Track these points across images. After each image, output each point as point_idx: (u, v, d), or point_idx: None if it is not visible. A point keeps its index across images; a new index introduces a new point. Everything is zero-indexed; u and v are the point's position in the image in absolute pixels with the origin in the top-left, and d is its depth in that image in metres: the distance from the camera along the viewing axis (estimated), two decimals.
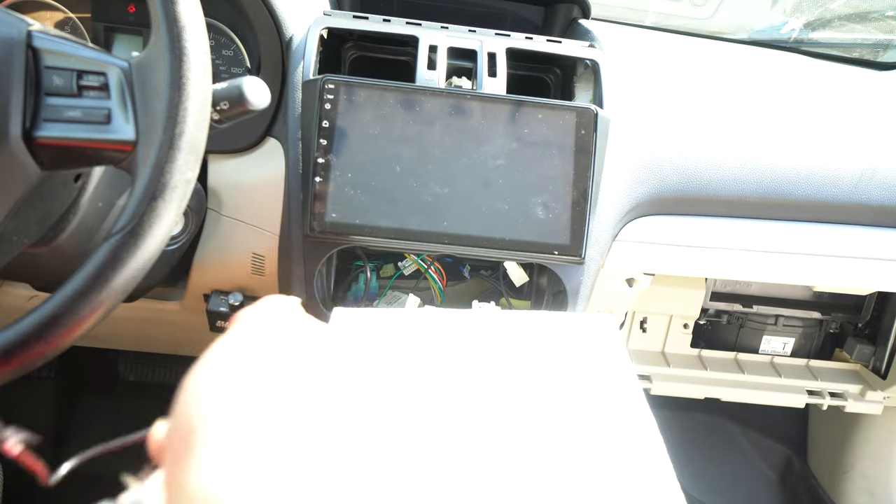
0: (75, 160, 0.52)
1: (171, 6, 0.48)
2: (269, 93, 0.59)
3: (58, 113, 0.49)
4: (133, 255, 0.47)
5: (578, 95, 0.86)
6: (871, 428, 1.35)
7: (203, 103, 0.50)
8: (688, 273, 0.89)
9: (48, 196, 0.57)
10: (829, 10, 1.36)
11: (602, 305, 1.00)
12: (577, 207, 0.75)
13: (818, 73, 1.06)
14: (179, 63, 0.48)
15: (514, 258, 0.79)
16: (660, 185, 0.83)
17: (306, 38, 0.78)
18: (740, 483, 1.56)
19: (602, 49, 0.86)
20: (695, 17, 1.42)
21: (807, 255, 0.88)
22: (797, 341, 1.24)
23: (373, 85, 0.74)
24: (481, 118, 0.74)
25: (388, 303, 0.84)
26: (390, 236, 0.73)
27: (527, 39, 0.85)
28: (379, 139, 0.73)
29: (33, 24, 0.50)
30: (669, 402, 1.29)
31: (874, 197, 0.87)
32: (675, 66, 0.95)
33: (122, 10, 0.81)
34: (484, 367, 0.50)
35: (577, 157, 0.75)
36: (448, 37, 0.81)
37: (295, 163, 0.76)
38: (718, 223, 0.86)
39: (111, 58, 0.50)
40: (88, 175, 0.61)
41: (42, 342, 0.45)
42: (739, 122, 0.87)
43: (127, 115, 0.49)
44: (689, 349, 1.23)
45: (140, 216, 0.47)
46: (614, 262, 0.86)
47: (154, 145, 0.47)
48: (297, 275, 0.78)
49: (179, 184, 0.48)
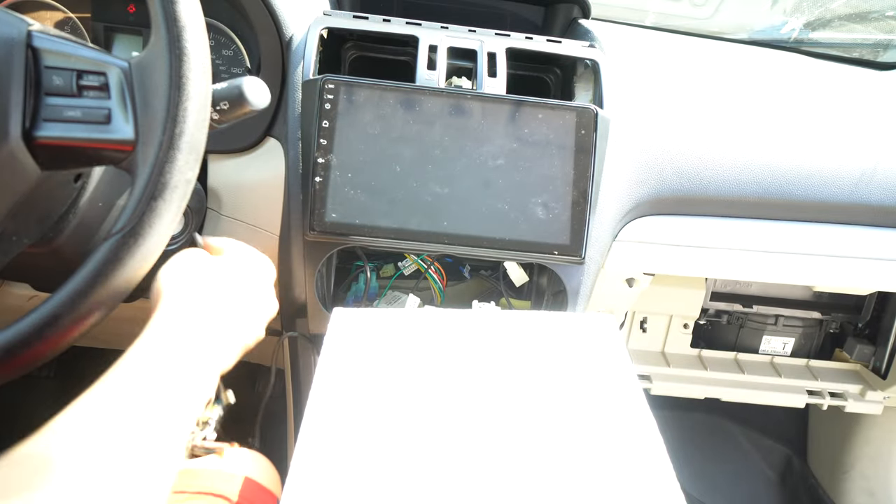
0: (75, 160, 0.52)
1: (171, 6, 0.48)
2: (269, 93, 0.59)
3: (58, 113, 0.49)
4: (133, 255, 0.47)
5: (578, 95, 0.86)
6: (871, 428, 1.35)
7: (203, 103, 0.50)
8: (688, 273, 0.89)
9: (48, 196, 0.57)
10: (829, 10, 1.36)
11: (602, 305, 1.00)
12: (577, 207, 0.75)
13: (818, 73, 1.06)
14: (179, 63, 0.47)
15: (514, 258, 0.79)
16: (660, 185, 0.83)
17: (306, 38, 0.78)
18: (740, 483, 1.56)
19: (602, 49, 0.86)
20: (695, 17, 1.42)
21: (807, 255, 0.88)
22: (797, 341, 1.24)
23: (373, 85, 0.74)
24: (481, 118, 0.74)
25: (388, 303, 0.84)
26: (390, 236, 0.73)
27: (527, 39, 0.85)
28: (379, 139, 0.73)
29: (33, 24, 0.50)
30: (669, 402, 1.29)
31: (874, 197, 0.87)
32: (675, 66, 0.95)
33: (122, 10, 0.81)
34: (484, 368, 0.50)
35: (577, 157, 0.75)
36: (448, 37, 0.81)
37: (295, 163, 0.76)
38: (718, 223, 0.86)
39: (111, 58, 0.50)
40: (88, 175, 0.61)
41: (42, 342, 0.45)
42: (739, 121, 0.87)
43: (127, 115, 0.49)
44: (689, 349, 1.23)
45: (140, 216, 0.47)
46: (614, 262, 0.86)
47: (154, 145, 0.47)
48: (297, 275, 0.78)
49: (179, 184, 0.48)
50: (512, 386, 0.47)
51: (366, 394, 0.46)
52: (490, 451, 0.41)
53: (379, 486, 0.37)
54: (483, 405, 0.45)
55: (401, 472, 0.39)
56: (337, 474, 0.39)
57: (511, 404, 0.45)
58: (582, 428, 0.43)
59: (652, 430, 0.42)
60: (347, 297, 0.86)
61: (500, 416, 0.44)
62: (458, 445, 0.41)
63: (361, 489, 0.37)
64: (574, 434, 0.42)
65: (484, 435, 0.42)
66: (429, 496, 0.37)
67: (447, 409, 0.44)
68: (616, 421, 0.43)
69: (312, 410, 0.44)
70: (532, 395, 0.46)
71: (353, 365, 0.49)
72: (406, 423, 0.43)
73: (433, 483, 0.38)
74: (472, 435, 0.42)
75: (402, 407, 0.44)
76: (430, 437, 0.42)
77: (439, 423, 0.43)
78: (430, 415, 0.43)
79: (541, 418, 0.43)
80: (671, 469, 0.39)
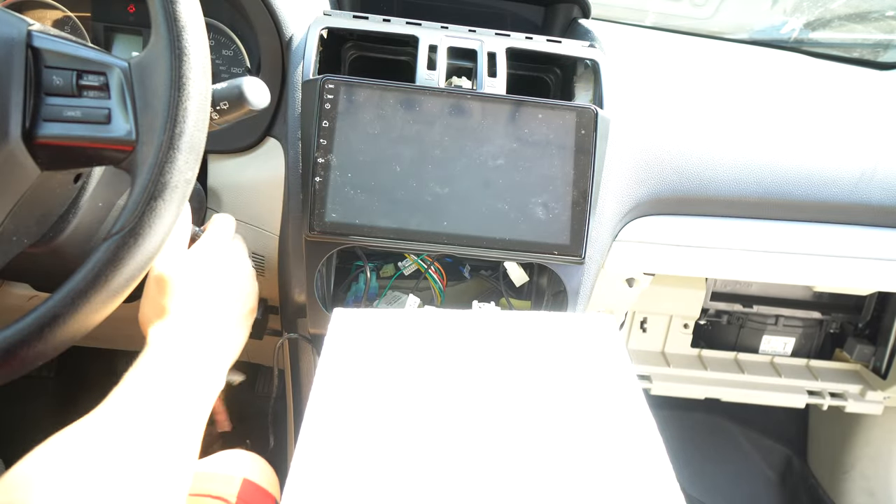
0: (75, 160, 0.52)
1: (171, 6, 0.48)
2: (269, 93, 0.59)
3: (58, 113, 0.49)
4: (133, 255, 0.47)
5: (578, 95, 0.86)
6: (871, 428, 1.35)
7: (203, 103, 0.50)
8: (688, 273, 0.89)
9: (48, 196, 0.57)
10: (829, 10, 1.36)
11: (602, 305, 1.00)
12: (577, 207, 0.75)
13: (818, 72, 1.06)
14: (179, 63, 0.47)
15: (514, 258, 0.79)
16: (660, 185, 0.83)
17: (306, 38, 0.78)
18: (740, 483, 1.56)
19: (602, 49, 0.86)
20: (695, 17, 1.42)
21: (807, 255, 0.88)
22: (797, 341, 1.24)
23: (373, 85, 0.74)
24: (481, 118, 0.74)
25: (388, 303, 0.84)
26: (390, 236, 0.73)
27: (527, 39, 0.85)
28: (379, 139, 0.73)
29: (33, 23, 0.50)
30: (669, 402, 1.29)
31: (874, 197, 0.87)
32: (676, 66, 0.95)
33: (122, 10, 0.81)
34: (484, 368, 0.50)
35: (577, 157, 0.75)
36: (448, 37, 0.81)
37: (295, 163, 0.76)
38: (718, 223, 0.86)
39: (111, 58, 0.50)
40: (88, 175, 0.61)
41: (42, 342, 0.45)
42: (739, 121, 0.87)
43: (127, 115, 0.49)
44: (689, 349, 1.23)
45: (140, 216, 0.47)
46: (614, 262, 0.86)
47: (154, 145, 0.47)
48: (297, 275, 0.78)
49: (179, 184, 0.48)
50: (512, 386, 0.47)
51: (366, 394, 0.46)
52: (490, 452, 0.41)
53: (379, 487, 0.37)
54: (483, 405, 0.45)
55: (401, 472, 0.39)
56: (337, 475, 0.39)
57: (511, 404, 0.45)
58: (582, 428, 0.43)
59: (652, 430, 0.42)
60: (347, 298, 0.86)
61: (500, 416, 0.44)
62: (458, 446, 0.41)
63: (362, 490, 0.37)
64: (574, 434, 0.42)
65: (484, 435, 0.42)
66: (429, 497, 0.37)
67: (447, 410, 0.44)
68: (616, 421, 0.43)
69: (313, 411, 0.44)
70: (532, 395, 0.46)
71: (353, 365, 0.49)
72: (406, 423, 0.43)
73: (433, 483, 0.38)
74: (473, 435, 0.42)
75: (403, 408, 0.44)
76: (431, 438, 0.42)
77: (440, 423, 0.43)
78: (430, 415, 0.43)
79: (541, 418, 0.43)
80: (671, 469, 0.39)
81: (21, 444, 0.43)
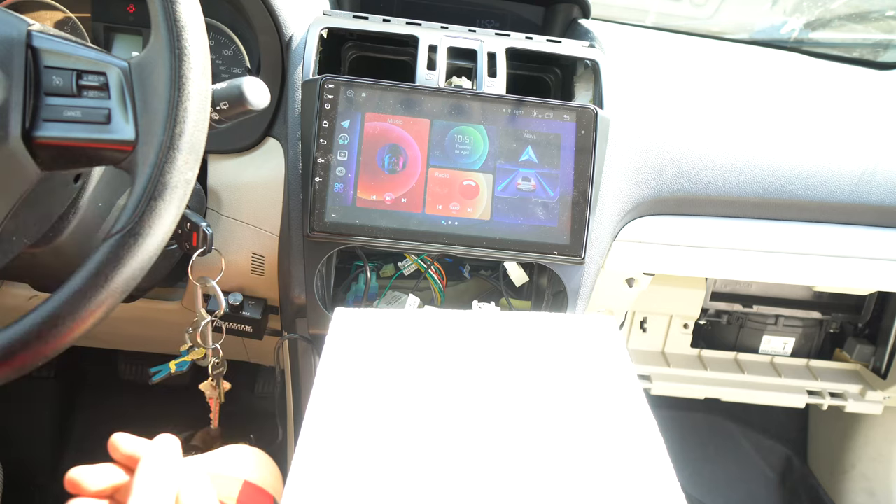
0: (75, 160, 0.52)
1: (171, 6, 0.48)
2: (269, 93, 0.59)
3: (58, 113, 0.49)
4: (133, 255, 0.47)
5: (578, 95, 0.86)
6: (871, 428, 1.35)
7: (203, 103, 0.49)
8: (688, 273, 0.89)
9: (48, 196, 0.57)
10: (829, 10, 1.36)
11: (602, 305, 1.00)
12: (577, 207, 0.75)
13: (818, 72, 1.06)
14: (179, 63, 0.47)
15: (514, 258, 0.79)
16: (660, 185, 0.83)
17: (306, 38, 0.78)
18: (740, 483, 1.56)
19: (602, 49, 0.86)
20: (695, 17, 1.42)
21: (807, 255, 0.88)
22: (797, 341, 1.24)
23: (372, 85, 0.74)
24: (481, 118, 0.74)
25: (388, 303, 0.84)
26: (390, 236, 0.73)
27: (527, 39, 0.85)
28: None
29: (33, 24, 0.50)
30: (669, 402, 1.29)
31: (874, 197, 0.87)
32: (676, 66, 0.95)
33: (122, 10, 0.81)
34: (484, 369, 0.50)
35: (577, 156, 0.75)
36: (448, 37, 0.81)
37: (295, 163, 0.76)
38: (718, 223, 0.86)
39: (111, 58, 0.50)
40: (88, 175, 0.61)
41: (42, 342, 0.45)
42: (740, 121, 0.87)
43: (127, 115, 0.49)
44: (689, 349, 1.23)
45: (140, 216, 0.47)
46: (614, 262, 0.86)
47: (154, 145, 0.47)
48: (297, 275, 0.78)
49: (179, 184, 0.48)
50: (512, 386, 0.47)
51: (367, 394, 0.46)
52: (490, 452, 0.41)
53: (379, 487, 0.37)
54: (483, 406, 0.45)
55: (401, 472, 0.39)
56: (337, 475, 0.39)
57: (511, 405, 0.45)
58: (582, 428, 0.43)
59: (652, 430, 0.42)
60: (347, 298, 0.86)
61: (500, 416, 0.44)
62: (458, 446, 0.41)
63: (362, 490, 0.37)
64: (574, 434, 0.42)
65: (484, 435, 0.42)
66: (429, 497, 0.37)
67: (448, 410, 0.44)
68: (616, 421, 0.43)
69: (313, 411, 0.44)
70: (532, 395, 0.46)
71: (354, 365, 0.49)
72: (407, 423, 0.43)
73: (434, 483, 0.38)
74: (473, 435, 0.42)
75: (403, 408, 0.44)
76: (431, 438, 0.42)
77: (440, 423, 0.43)
78: (430, 415, 0.43)
79: (541, 419, 0.43)
80: (671, 469, 0.39)
81: (21, 444, 0.43)
